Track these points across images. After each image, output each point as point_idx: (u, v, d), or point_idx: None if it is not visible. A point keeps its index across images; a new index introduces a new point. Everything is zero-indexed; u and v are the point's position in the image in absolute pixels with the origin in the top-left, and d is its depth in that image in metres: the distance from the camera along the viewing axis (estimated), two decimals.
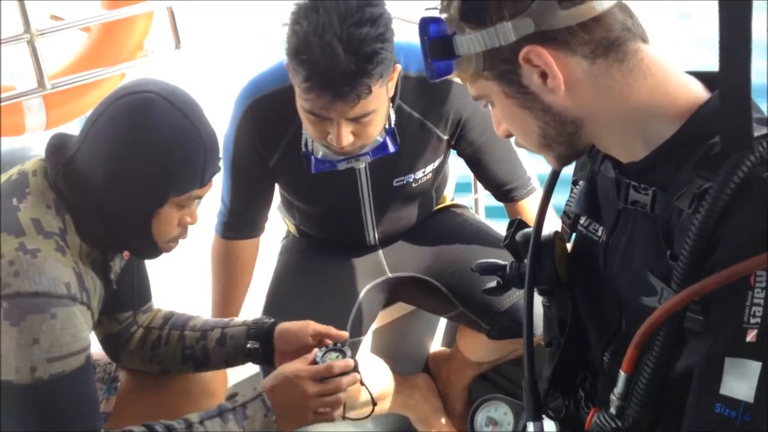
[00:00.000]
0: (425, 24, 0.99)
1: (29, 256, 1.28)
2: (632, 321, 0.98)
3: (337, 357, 1.52)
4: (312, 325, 1.61)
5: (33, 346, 1.26)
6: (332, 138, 1.66)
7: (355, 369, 1.52)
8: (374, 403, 1.65)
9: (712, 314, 0.87)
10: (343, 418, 1.58)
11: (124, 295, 1.58)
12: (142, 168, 1.33)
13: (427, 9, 1.04)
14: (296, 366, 1.48)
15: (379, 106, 1.66)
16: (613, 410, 0.98)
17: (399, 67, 1.70)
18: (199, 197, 1.42)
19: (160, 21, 2.56)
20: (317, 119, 1.65)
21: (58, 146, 1.39)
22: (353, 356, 1.55)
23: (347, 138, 1.66)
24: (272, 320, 1.65)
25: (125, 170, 1.33)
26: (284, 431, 1.47)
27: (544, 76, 0.94)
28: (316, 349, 1.54)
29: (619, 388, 0.96)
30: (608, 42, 0.93)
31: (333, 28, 1.53)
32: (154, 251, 1.45)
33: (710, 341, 0.87)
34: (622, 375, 0.95)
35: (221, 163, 1.47)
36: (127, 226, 1.39)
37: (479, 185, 2.36)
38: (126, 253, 1.51)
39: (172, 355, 1.65)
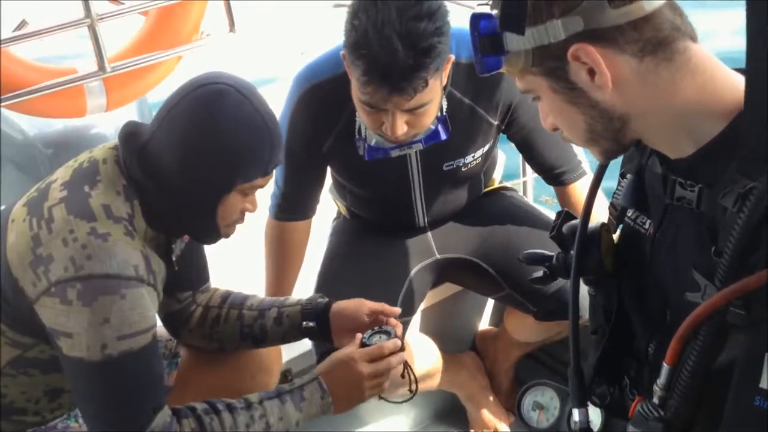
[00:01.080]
0: (476, 20, 1.01)
1: (100, 240, 1.35)
2: (677, 314, 1.00)
3: (380, 338, 1.59)
4: (366, 304, 1.68)
5: (104, 325, 1.33)
6: (387, 128, 1.70)
7: (401, 350, 1.59)
8: (414, 389, 1.72)
9: (754, 310, 0.89)
10: (380, 398, 1.66)
11: (185, 276, 1.65)
12: (214, 156, 1.39)
13: (478, 4, 1.06)
14: (349, 350, 1.55)
15: (433, 96, 1.69)
16: (656, 400, 1.00)
17: (452, 57, 1.72)
18: (261, 186, 1.48)
19: (215, 4, 2.60)
20: (373, 110, 1.69)
21: (131, 133, 1.46)
22: (400, 337, 1.61)
23: (402, 128, 1.69)
24: (326, 299, 1.71)
25: (198, 157, 1.40)
26: (339, 412, 1.54)
27: (591, 73, 0.96)
28: (359, 334, 1.61)
29: (662, 379, 0.99)
30: (657, 41, 0.94)
31: (392, 22, 1.56)
32: (215, 236, 1.52)
33: (752, 337, 0.89)
34: (665, 367, 0.98)
35: None
36: (194, 211, 1.45)
37: (528, 168, 2.38)
38: (186, 237, 1.58)
39: (231, 333, 1.72)
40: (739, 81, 0.97)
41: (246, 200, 1.48)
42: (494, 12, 1.01)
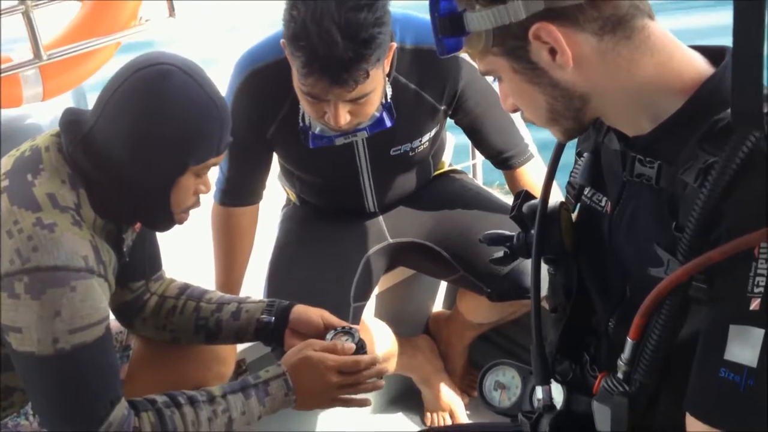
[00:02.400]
0: (436, 1, 1.01)
1: (47, 231, 1.30)
2: (637, 290, 1.02)
3: (347, 340, 1.57)
4: (330, 318, 1.66)
5: (55, 318, 1.29)
6: (329, 117, 1.69)
7: (363, 348, 1.58)
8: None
9: (717, 284, 0.91)
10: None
11: (136, 265, 1.61)
12: (164, 138, 1.35)
13: None
14: (323, 354, 1.52)
15: (376, 86, 1.69)
16: (620, 375, 1.02)
17: (394, 45, 1.71)
18: (215, 164, 1.45)
19: None
20: (315, 100, 1.68)
21: (72, 121, 1.41)
22: (361, 340, 1.59)
23: (344, 118, 1.69)
24: (291, 303, 1.69)
25: (147, 141, 1.35)
26: (301, 409, 1.53)
27: (552, 52, 0.96)
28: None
29: (626, 354, 1.00)
30: (616, 19, 0.95)
31: (330, 13, 1.54)
32: (170, 222, 1.48)
33: (715, 309, 0.91)
34: (629, 342, 0.99)
35: None
36: (147, 196, 1.41)
37: (476, 151, 2.39)
38: (137, 226, 1.54)
39: (186, 324, 1.68)
40: (697, 58, 0.99)
41: (199, 181, 1.45)
42: None
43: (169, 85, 1.35)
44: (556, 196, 1.23)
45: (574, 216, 1.22)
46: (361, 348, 1.57)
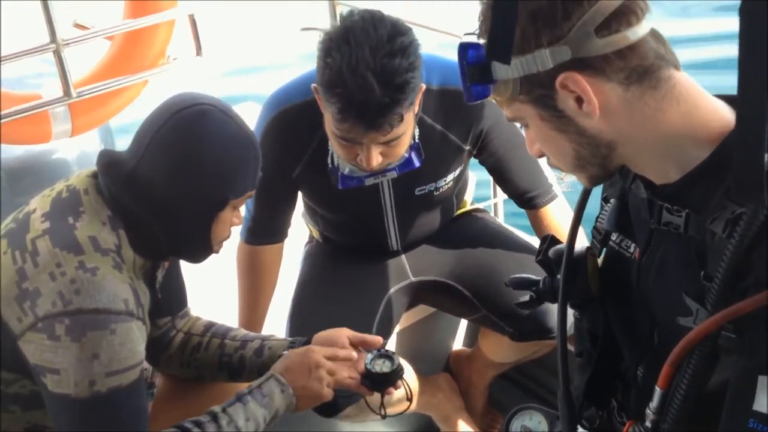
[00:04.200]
0: (464, 49, 1.02)
1: (89, 275, 1.33)
2: (666, 337, 1.02)
3: (384, 363, 1.59)
4: (346, 332, 1.67)
5: (93, 361, 1.31)
6: (362, 159, 1.71)
7: (401, 374, 1.60)
8: (410, 399, 1.71)
9: (746, 334, 0.91)
10: (383, 417, 1.68)
11: (164, 302, 1.63)
12: (207, 175, 1.41)
13: (465, 34, 1.07)
14: (308, 347, 1.58)
15: (407, 128, 1.72)
16: (648, 424, 1.01)
17: (423, 86, 1.74)
18: (250, 196, 1.51)
19: (182, 28, 2.60)
20: (348, 143, 1.70)
21: (112, 163, 1.45)
22: (401, 365, 1.61)
23: (377, 159, 1.71)
24: (311, 337, 1.70)
25: (191, 178, 1.41)
26: (304, 406, 1.54)
27: (579, 100, 0.97)
28: (365, 353, 1.61)
29: (654, 403, 1.00)
30: (642, 69, 0.96)
31: (366, 60, 1.57)
32: (208, 254, 1.53)
33: (744, 360, 0.91)
34: (657, 391, 0.99)
35: None
36: (189, 232, 1.46)
37: (498, 189, 2.40)
38: (167, 263, 1.56)
39: (210, 361, 1.70)
40: (722, 107, 1.00)
41: (235, 213, 1.51)
42: (482, 41, 1.02)
43: (209, 124, 1.41)
44: (581, 241, 1.23)
45: (600, 261, 1.22)
46: (398, 373, 1.59)
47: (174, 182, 1.40)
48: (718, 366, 0.96)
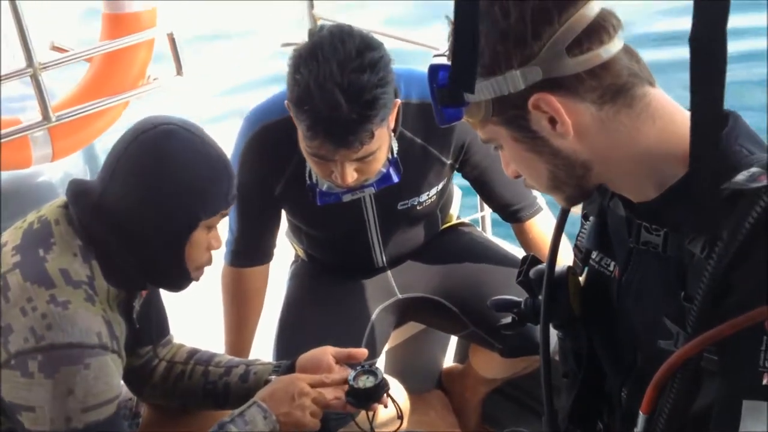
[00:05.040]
0: (434, 71, 1.00)
1: (60, 309, 1.31)
2: (648, 359, 1.00)
3: (367, 378, 1.55)
4: (330, 350, 1.64)
5: (68, 397, 1.29)
6: (336, 176, 1.69)
7: (386, 388, 1.56)
8: (401, 417, 1.68)
9: (728, 357, 0.89)
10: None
11: (144, 331, 1.60)
12: (174, 195, 1.37)
13: (435, 56, 1.05)
14: (293, 375, 1.55)
15: (381, 144, 1.69)
16: None
17: (398, 101, 1.72)
18: (225, 215, 1.46)
19: (161, 48, 2.57)
20: (321, 161, 1.68)
21: (80, 192, 1.42)
22: (385, 379, 1.57)
23: (351, 176, 1.69)
24: (296, 358, 1.67)
25: (158, 200, 1.37)
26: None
27: (552, 121, 0.95)
28: (348, 369, 1.58)
29: (638, 428, 0.98)
30: (616, 88, 0.95)
31: (333, 76, 1.55)
32: (186, 280, 1.49)
33: (727, 383, 0.89)
34: (641, 416, 0.97)
35: None
36: (162, 256, 1.42)
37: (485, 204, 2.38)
38: (144, 292, 1.53)
39: (194, 389, 1.67)
40: None
41: (210, 236, 1.46)
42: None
43: (174, 143, 1.38)
44: (567, 258, 1.21)
45: (582, 279, 1.20)
46: (383, 387, 1.56)
47: (141, 206, 1.37)
48: (702, 389, 0.94)
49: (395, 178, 1.81)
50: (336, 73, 1.55)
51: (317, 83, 1.56)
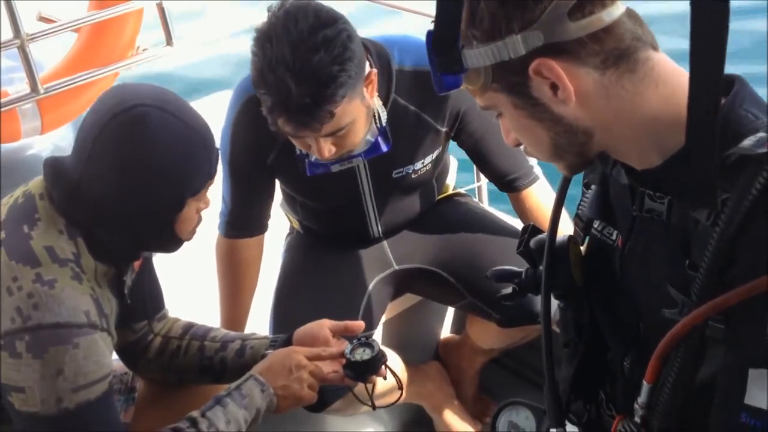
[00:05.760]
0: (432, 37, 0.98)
1: (47, 288, 1.28)
2: (651, 329, 0.99)
3: (364, 351, 1.54)
4: (326, 323, 1.63)
5: (58, 377, 1.27)
6: (314, 151, 1.68)
7: (384, 360, 1.56)
8: (401, 388, 1.67)
9: (734, 326, 0.87)
10: (373, 407, 1.64)
11: (138, 306, 1.59)
12: (157, 180, 1.34)
13: (433, 21, 1.02)
14: (290, 348, 1.54)
15: (354, 117, 1.66)
16: (637, 419, 0.98)
17: (374, 71, 1.70)
18: (210, 184, 1.44)
19: (151, 18, 2.53)
20: (295, 137, 1.67)
21: (56, 173, 1.38)
22: (378, 347, 1.57)
23: (328, 150, 1.68)
24: (292, 332, 1.66)
25: (140, 188, 1.34)
26: (285, 407, 1.50)
27: (554, 87, 0.93)
28: (345, 342, 1.57)
29: (642, 398, 0.97)
30: (618, 52, 0.92)
31: (285, 60, 1.53)
32: (178, 244, 1.47)
33: (733, 352, 0.88)
34: (645, 385, 0.96)
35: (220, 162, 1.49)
36: (150, 235, 1.41)
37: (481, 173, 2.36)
38: (137, 264, 1.51)
39: (190, 365, 1.65)
40: None
41: (199, 203, 1.43)
42: None
43: (150, 127, 1.32)
44: (566, 228, 1.19)
45: (583, 249, 1.18)
46: (380, 360, 1.55)
47: (124, 194, 1.34)
48: (706, 358, 0.93)
49: (384, 148, 1.79)
50: (287, 57, 1.53)
51: (270, 67, 1.55)
